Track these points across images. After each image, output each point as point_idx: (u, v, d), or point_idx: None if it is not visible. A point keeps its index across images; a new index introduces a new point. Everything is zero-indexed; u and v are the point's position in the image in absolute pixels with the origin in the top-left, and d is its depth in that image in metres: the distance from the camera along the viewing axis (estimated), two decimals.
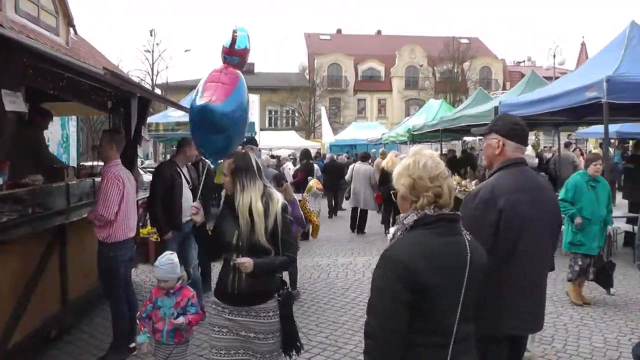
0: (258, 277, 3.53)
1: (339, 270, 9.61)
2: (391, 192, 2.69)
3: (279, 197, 3.69)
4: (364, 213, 13.95)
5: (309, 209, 8.53)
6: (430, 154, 2.58)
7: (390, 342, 2.32)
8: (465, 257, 2.45)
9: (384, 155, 14.04)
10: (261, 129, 23.81)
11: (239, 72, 4.18)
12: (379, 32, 67.57)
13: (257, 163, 3.73)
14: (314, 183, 9.18)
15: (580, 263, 7.27)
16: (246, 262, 3.42)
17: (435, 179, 2.48)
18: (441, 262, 2.38)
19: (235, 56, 4.18)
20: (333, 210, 17.34)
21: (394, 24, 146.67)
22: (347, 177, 14.60)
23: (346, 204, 16.48)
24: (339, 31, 66.82)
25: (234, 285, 3.59)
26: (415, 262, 2.32)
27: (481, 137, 26.63)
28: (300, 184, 11.86)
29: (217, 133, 3.94)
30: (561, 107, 9.13)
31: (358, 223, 13.78)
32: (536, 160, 15.38)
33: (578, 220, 7.22)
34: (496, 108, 10.95)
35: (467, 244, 2.49)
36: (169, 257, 4.37)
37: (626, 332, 6.32)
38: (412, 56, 58.28)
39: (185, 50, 69.75)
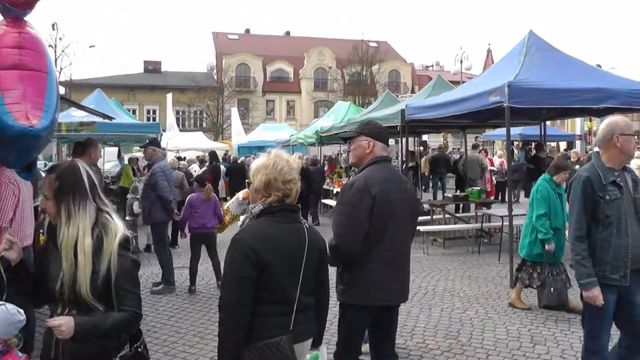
0: (84, 341, 2.58)
1: None
2: (247, 181, 3.19)
3: (117, 230, 2.69)
4: None
5: (229, 209, 8.41)
6: (287, 159, 2.99)
7: (239, 313, 2.74)
8: (303, 241, 2.92)
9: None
10: (168, 130, 23.30)
11: (38, 35, 3.37)
12: (287, 33, 67.45)
13: (90, 177, 2.76)
14: (243, 194, 9.05)
15: (539, 271, 7.02)
16: (62, 324, 2.48)
17: (287, 183, 2.92)
18: (281, 244, 2.83)
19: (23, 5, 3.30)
20: None
21: (302, 25, 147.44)
22: None
23: None
24: (247, 31, 66.16)
25: (57, 350, 2.63)
26: (258, 244, 2.77)
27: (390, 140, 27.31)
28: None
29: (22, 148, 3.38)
30: (466, 110, 9.44)
31: None
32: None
33: (551, 247, 6.78)
34: (402, 111, 11.20)
35: (306, 230, 2.97)
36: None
37: (526, 323, 6.61)
38: (320, 58, 58.60)
39: (90, 46, 67.46)
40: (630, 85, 9.35)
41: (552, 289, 6.68)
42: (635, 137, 4.38)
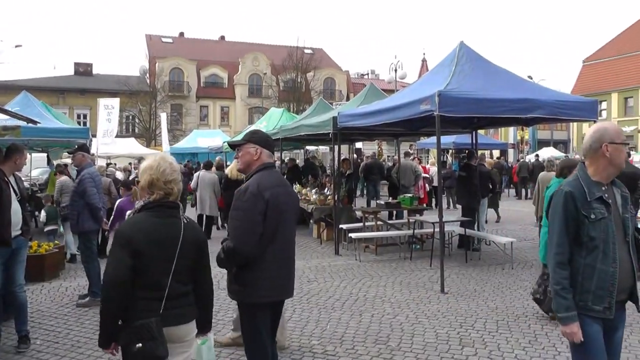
0: None
1: None
2: (136, 179, 3.65)
3: None
4: (210, 219, 14.16)
5: None
6: (170, 162, 3.44)
7: (113, 291, 3.15)
8: (178, 234, 3.30)
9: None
10: (103, 136, 22.57)
11: None
12: (222, 37, 66.80)
13: None
14: None
15: None
16: None
17: (168, 183, 3.35)
18: (153, 236, 3.23)
19: None
20: None
21: (237, 30, 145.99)
22: (192, 185, 14.43)
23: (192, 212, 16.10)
24: (181, 34, 65.13)
25: None
26: (134, 235, 3.19)
27: (324, 147, 27.60)
28: None
29: None
30: (398, 118, 9.56)
31: (205, 230, 13.56)
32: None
33: None
34: (335, 118, 11.24)
35: (183, 225, 3.36)
36: None
37: (455, 326, 6.74)
38: (255, 64, 58.41)
39: (16, 46, 64.99)
40: (557, 96, 9.71)
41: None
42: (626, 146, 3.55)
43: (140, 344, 3.09)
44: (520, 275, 9.47)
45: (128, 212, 3.57)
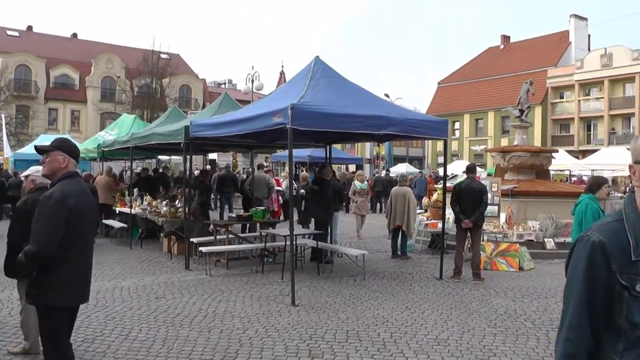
0: None
1: None
2: None
3: None
4: None
5: None
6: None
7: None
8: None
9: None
10: None
11: None
12: (74, 35, 62.96)
13: None
14: None
15: None
16: None
17: None
18: None
19: None
20: None
21: (91, 27, 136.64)
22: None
23: None
24: (29, 28, 60.31)
25: None
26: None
27: (177, 157, 26.81)
28: None
29: None
30: (250, 130, 9.49)
31: None
32: None
33: None
34: (187, 127, 10.93)
35: None
36: None
37: (305, 338, 6.73)
38: (109, 66, 56.09)
39: None
40: (409, 115, 10.12)
41: None
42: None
43: None
44: (371, 287, 9.65)
45: None
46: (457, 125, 61.05)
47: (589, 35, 59.17)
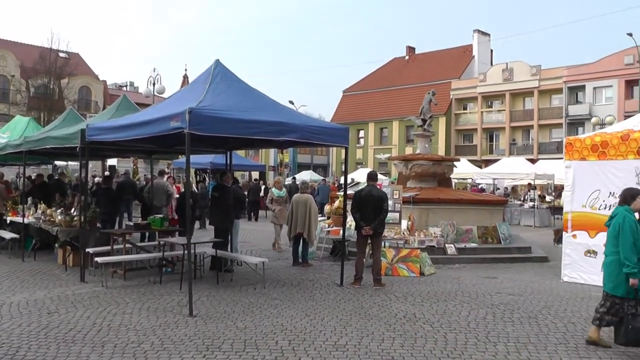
0: None
1: None
2: None
3: None
4: None
5: None
6: None
7: None
8: None
9: None
10: None
11: None
12: None
13: None
14: None
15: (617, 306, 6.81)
16: None
17: None
18: None
19: None
20: None
21: None
22: None
23: None
24: None
25: None
26: None
27: (74, 162, 25.60)
28: None
29: None
30: (148, 134, 9.19)
31: None
32: None
33: (635, 282, 6.58)
34: (83, 130, 10.46)
35: None
36: None
37: (202, 349, 6.60)
38: (2, 63, 53.37)
39: None
40: (310, 121, 10.14)
41: (629, 327, 6.58)
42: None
43: None
44: (271, 295, 9.58)
45: None
46: (361, 133, 62.34)
47: (492, 50, 62.28)
